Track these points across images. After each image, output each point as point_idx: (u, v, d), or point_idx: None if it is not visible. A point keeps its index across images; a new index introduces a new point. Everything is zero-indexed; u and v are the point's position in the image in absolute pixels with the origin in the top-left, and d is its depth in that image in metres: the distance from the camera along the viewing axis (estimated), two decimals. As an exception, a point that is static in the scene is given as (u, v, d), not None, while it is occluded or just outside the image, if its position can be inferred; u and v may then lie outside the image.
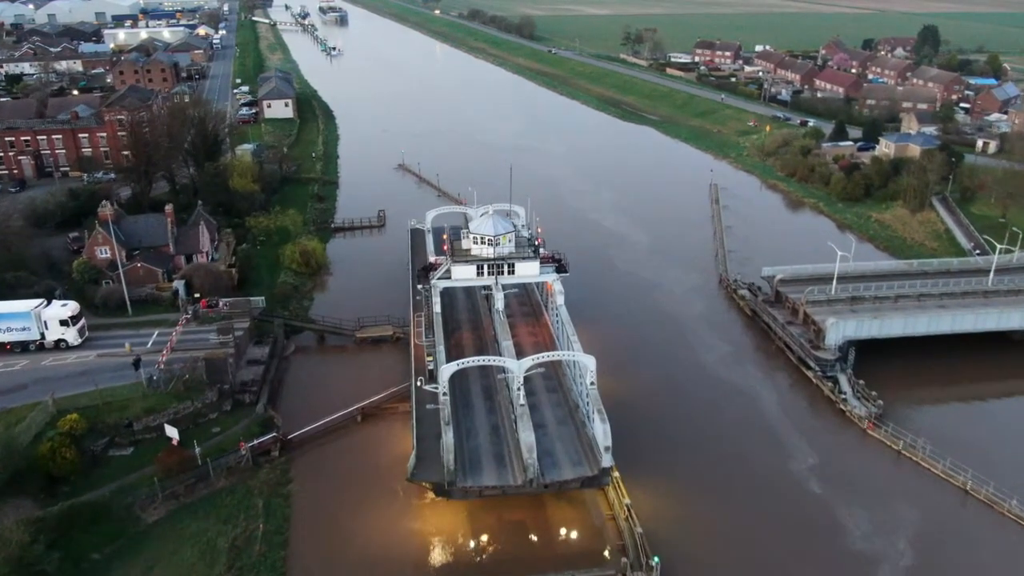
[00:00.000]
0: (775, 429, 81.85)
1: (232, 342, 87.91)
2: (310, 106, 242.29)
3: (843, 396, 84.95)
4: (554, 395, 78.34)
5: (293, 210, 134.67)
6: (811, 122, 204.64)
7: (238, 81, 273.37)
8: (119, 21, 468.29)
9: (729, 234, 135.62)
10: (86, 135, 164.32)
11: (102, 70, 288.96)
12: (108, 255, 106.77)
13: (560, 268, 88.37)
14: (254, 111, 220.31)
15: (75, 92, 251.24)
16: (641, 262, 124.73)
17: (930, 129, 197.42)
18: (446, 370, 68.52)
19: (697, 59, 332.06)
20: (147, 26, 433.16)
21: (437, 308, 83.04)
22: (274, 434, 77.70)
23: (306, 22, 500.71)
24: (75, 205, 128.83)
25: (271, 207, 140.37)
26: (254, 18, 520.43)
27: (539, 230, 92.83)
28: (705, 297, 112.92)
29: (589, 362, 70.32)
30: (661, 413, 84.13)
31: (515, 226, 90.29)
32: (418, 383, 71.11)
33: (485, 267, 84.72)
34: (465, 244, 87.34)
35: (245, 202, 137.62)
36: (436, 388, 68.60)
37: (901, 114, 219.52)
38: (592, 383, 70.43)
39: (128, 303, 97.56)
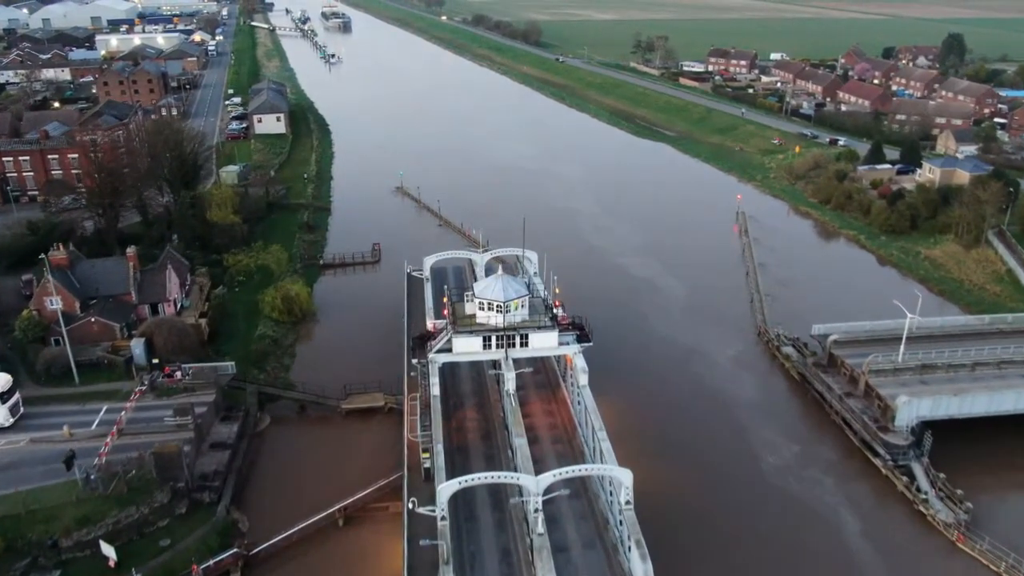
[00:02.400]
0: (845, 541, 67.59)
1: (191, 424, 73.99)
2: (305, 119, 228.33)
3: (923, 496, 70.62)
4: (577, 502, 64.14)
5: (277, 246, 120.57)
6: (841, 140, 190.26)
7: (230, 92, 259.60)
8: (115, 26, 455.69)
9: (764, 273, 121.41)
10: (56, 156, 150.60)
11: (91, 79, 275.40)
12: (59, 306, 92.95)
13: (582, 337, 74.29)
14: (244, 125, 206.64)
15: (56, 105, 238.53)
16: (668, 312, 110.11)
17: (970, 149, 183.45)
18: (445, 490, 54.50)
19: (711, 68, 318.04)
20: (143, 31, 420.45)
21: (436, 391, 68.92)
22: (235, 550, 63.59)
23: (306, 27, 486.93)
24: (32, 241, 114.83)
25: (253, 240, 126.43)
26: (253, 23, 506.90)
27: (556, 290, 78.56)
28: (743, 356, 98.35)
29: (624, 477, 56.28)
30: (705, 520, 69.91)
31: (528, 286, 76.18)
32: (410, 504, 57.08)
33: (493, 338, 70.66)
34: (469, 308, 73.28)
35: (224, 236, 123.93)
36: (432, 511, 54.52)
37: (935, 131, 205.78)
38: (628, 502, 56.37)
39: (74, 370, 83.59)
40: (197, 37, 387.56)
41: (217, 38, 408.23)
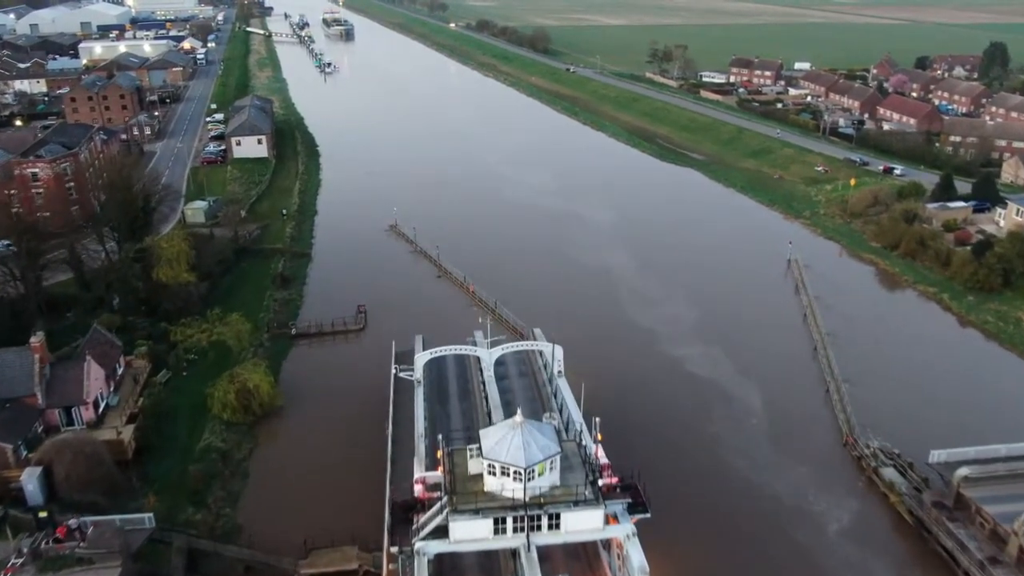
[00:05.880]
0: None
1: (76, 629, 51.72)
2: (292, 139, 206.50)
3: None
4: None
5: (237, 315, 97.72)
6: (898, 169, 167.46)
7: (213, 107, 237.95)
8: (105, 32, 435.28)
9: (834, 347, 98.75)
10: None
11: (67, 90, 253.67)
12: (-62, 416, 71.03)
13: (636, 504, 52.04)
14: (222, 148, 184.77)
15: (18, 123, 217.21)
16: (737, 431, 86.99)
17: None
18: None
19: (733, 79, 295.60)
20: (134, 37, 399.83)
21: (423, 606, 46.60)
22: None
23: (303, 33, 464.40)
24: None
25: (213, 301, 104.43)
26: (249, 29, 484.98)
27: (599, 436, 55.76)
28: (833, 486, 74.72)
29: None
30: None
31: (559, 432, 53.68)
32: None
33: (509, 520, 48.37)
34: (475, 466, 50.97)
35: (176, 299, 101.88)
36: None
37: (996, 155, 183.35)
38: None
39: (-67, 525, 61.53)
40: (186, 44, 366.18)
41: (209, 45, 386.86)
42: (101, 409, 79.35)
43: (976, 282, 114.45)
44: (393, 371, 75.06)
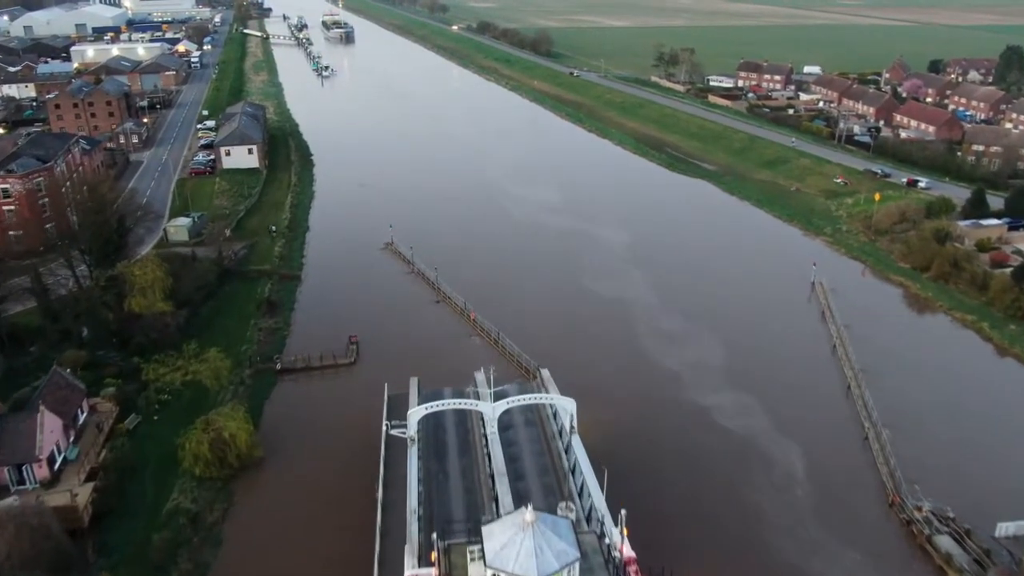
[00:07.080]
0: None
1: None
2: (285, 147, 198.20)
3: None
4: None
5: (215, 350, 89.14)
6: (923, 182, 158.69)
7: (204, 113, 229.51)
8: (100, 34, 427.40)
9: (869, 384, 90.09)
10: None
11: (55, 95, 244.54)
12: None
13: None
14: (211, 158, 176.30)
15: (1, 130, 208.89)
16: (782, 501, 77.96)
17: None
18: None
19: (741, 83, 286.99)
20: (129, 40, 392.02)
21: None
22: None
23: (302, 35, 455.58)
24: None
25: (192, 333, 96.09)
26: (246, 31, 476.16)
27: (625, 531, 47.02)
28: (883, 562, 65.74)
29: None
30: None
31: (575, 529, 45.08)
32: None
33: (518, 642, 39.90)
34: (475, 571, 42.47)
35: (150, 330, 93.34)
36: None
37: (1022, 165, 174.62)
38: None
39: None
40: (181, 47, 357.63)
41: (205, 48, 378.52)
42: (57, 465, 70.92)
43: (1018, 309, 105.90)
44: (384, 427, 66.37)
